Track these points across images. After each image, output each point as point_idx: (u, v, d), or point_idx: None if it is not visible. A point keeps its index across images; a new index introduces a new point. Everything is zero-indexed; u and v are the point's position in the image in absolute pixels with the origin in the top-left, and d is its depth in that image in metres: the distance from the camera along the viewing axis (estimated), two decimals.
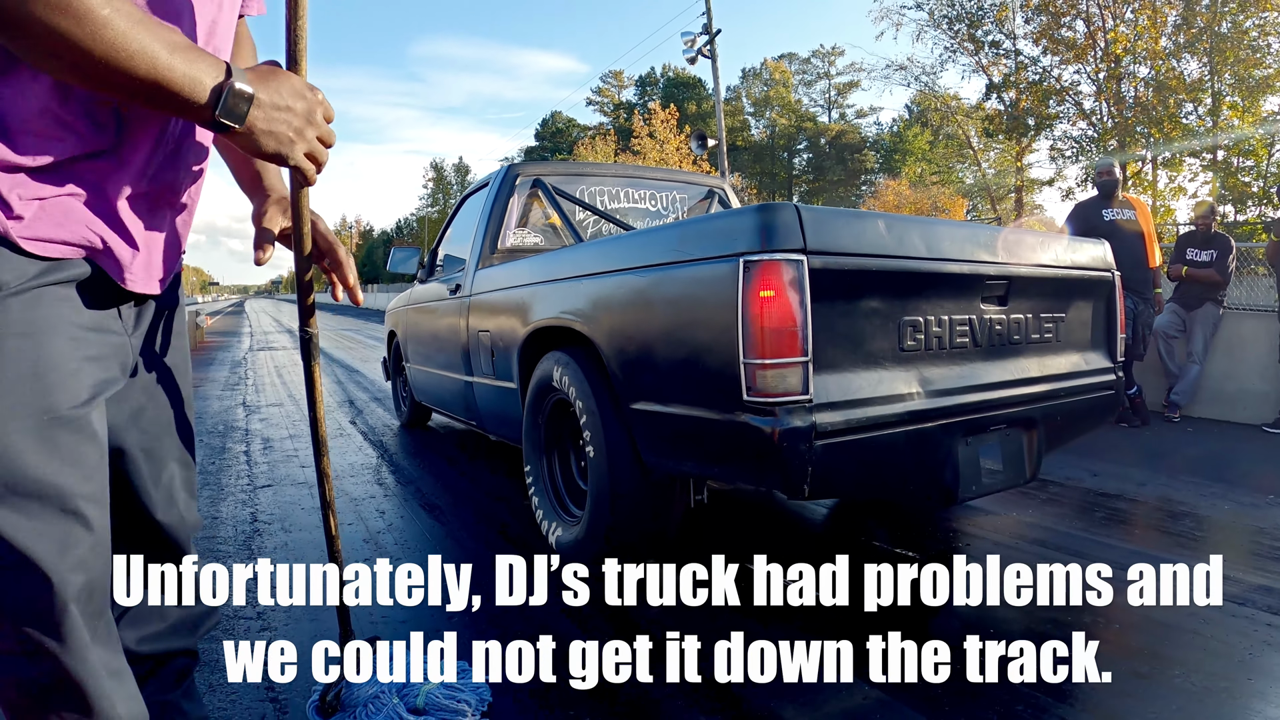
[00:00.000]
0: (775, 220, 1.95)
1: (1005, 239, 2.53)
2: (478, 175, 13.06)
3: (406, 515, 3.46)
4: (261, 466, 4.39)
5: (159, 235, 1.18)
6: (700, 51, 18.82)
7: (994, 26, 23.55)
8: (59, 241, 1.01)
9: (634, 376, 2.39)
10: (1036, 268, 2.60)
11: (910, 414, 2.17)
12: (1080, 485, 3.95)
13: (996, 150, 32.18)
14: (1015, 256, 2.51)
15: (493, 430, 3.83)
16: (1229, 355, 6.15)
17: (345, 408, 6.75)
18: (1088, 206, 6.02)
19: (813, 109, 58.23)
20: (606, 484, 2.50)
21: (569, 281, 2.80)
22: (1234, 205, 19.63)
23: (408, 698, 1.73)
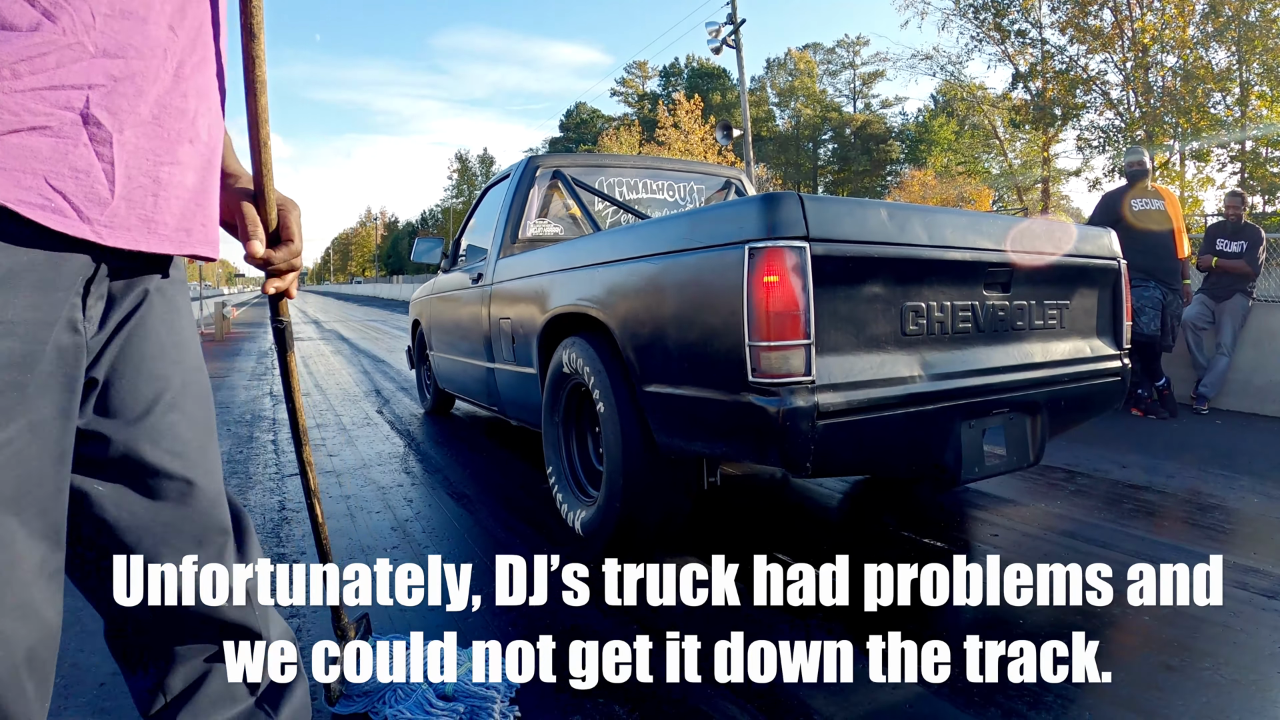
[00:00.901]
0: (779, 209, 2.04)
1: (1007, 227, 2.59)
2: (502, 167, 13.45)
3: (434, 504, 3.55)
4: (288, 455, 4.51)
5: (165, 167, 0.87)
6: (725, 41, 18.85)
7: (1020, 15, 23.30)
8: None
9: (647, 360, 2.49)
10: (1039, 255, 2.66)
11: (912, 396, 2.25)
12: (1109, 477, 3.97)
13: (1023, 141, 31.86)
14: (1017, 244, 2.58)
15: (514, 416, 3.94)
16: (1258, 347, 6.09)
17: (372, 397, 6.89)
18: (1115, 196, 5.99)
19: (838, 99, 57.93)
20: (620, 464, 2.60)
21: (585, 269, 2.90)
22: (1263, 196, 19.35)
23: (436, 685, 1.81)
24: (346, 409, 6.19)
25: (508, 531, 3.13)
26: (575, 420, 3.12)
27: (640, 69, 62.47)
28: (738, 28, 18.82)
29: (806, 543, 2.95)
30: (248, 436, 5.06)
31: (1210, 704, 1.84)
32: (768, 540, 2.93)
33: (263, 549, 1.34)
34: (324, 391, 7.24)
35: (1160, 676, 1.95)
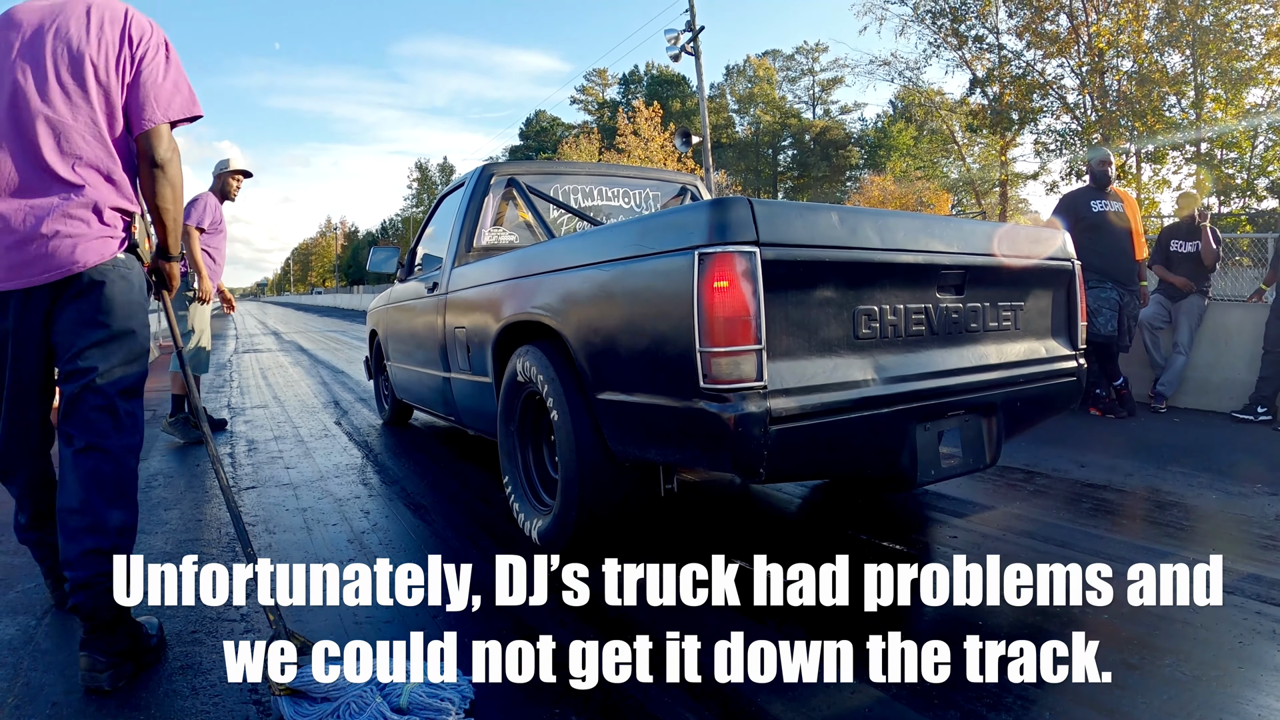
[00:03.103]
0: (728, 214, 2.02)
1: (960, 229, 2.59)
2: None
3: (391, 515, 3.49)
4: (246, 468, 4.42)
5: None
6: (684, 49, 18.90)
7: (978, 21, 23.64)
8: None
9: (600, 368, 2.45)
10: (992, 257, 2.67)
11: (865, 399, 2.23)
12: (1068, 477, 3.99)
13: (981, 145, 32.35)
14: (970, 247, 2.58)
15: (471, 425, 3.89)
16: (1214, 346, 6.18)
17: (330, 409, 6.78)
18: (1077, 197, 6.06)
19: (797, 105, 58.45)
20: (575, 472, 2.57)
21: (538, 277, 2.86)
22: (1218, 197, 19.75)
23: (390, 697, 1.74)
24: (304, 420, 6.09)
25: (465, 541, 3.08)
26: (531, 429, 3.07)
27: (600, 76, 62.53)
28: (696, 35, 18.88)
29: (763, 547, 2.92)
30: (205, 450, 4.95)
31: (1172, 700, 1.84)
32: (724, 545, 2.90)
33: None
34: (282, 403, 7.12)
35: (1122, 674, 1.95)
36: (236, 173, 5.38)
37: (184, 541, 3.11)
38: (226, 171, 5.34)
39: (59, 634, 2.26)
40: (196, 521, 3.39)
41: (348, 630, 2.20)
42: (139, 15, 2.10)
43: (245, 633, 2.25)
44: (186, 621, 2.30)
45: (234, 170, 5.36)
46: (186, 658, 2.10)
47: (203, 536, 3.19)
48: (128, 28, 2.05)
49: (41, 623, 2.34)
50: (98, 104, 1.99)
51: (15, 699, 1.90)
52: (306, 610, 2.21)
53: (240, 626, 2.30)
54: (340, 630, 2.20)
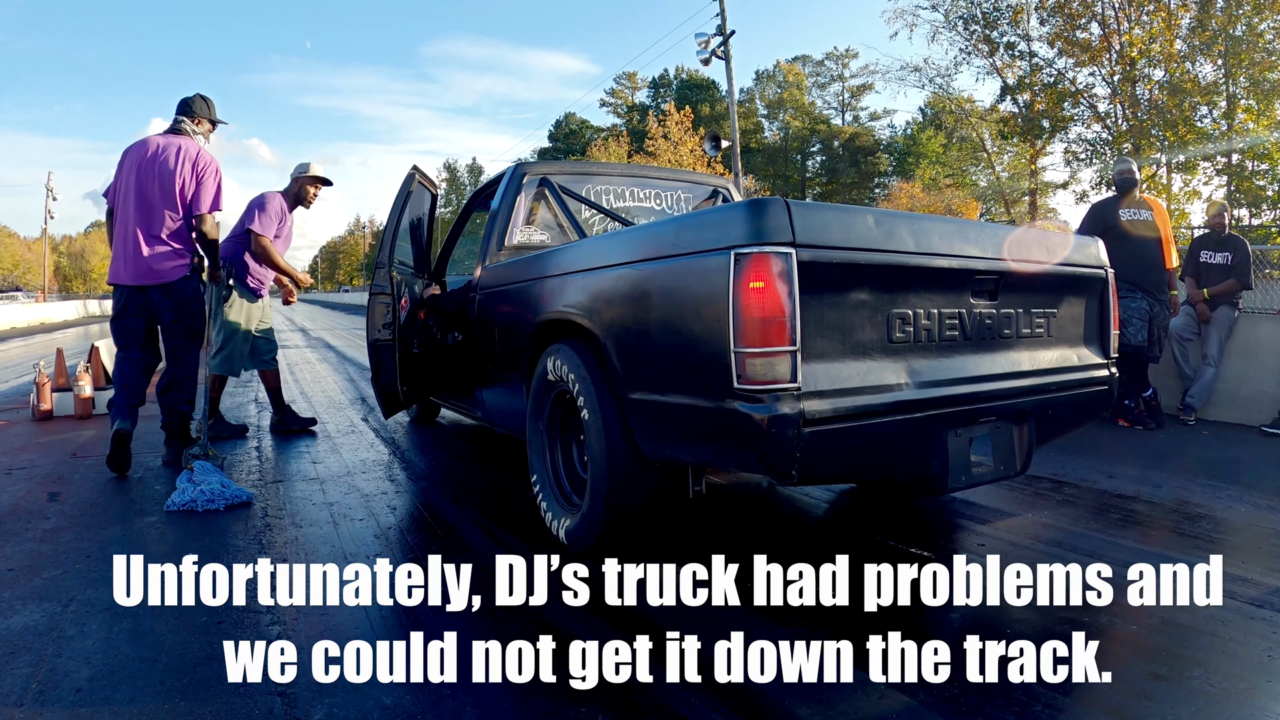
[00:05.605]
0: (765, 214, 2.02)
1: (995, 234, 2.58)
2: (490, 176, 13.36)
3: (417, 512, 3.52)
4: (272, 462, 4.48)
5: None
6: (714, 53, 18.92)
7: (1009, 28, 23.46)
8: None
9: (632, 367, 2.46)
10: (1027, 263, 2.65)
11: (898, 404, 2.23)
12: (1096, 487, 3.96)
13: (1011, 153, 32.08)
14: (1005, 252, 2.57)
15: (499, 423, 3.91)
16: (1244, 358, 6.11)
17: (357, 405, 6.84)
18: (1105, 206, 6.02)
19: (826, 111, 58.37)
20: (604, 471, 2.58)
21: (571, 276, 2.88)
22: (1248, 209, 19.50)
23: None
24: (332, 416, 6.14)
25: (488, 538, 3.10)
26: (560, 428, 3.09)
27: (629, 80, 62.72)
28: (727, 39, 18.90)
29: (791, 551, 2.93)
30: (233, 443, 5.01)
31: (1199, 712, 1.82)
32: (755, 546, 2.90)
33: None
34: (309, 399, 7.18)
35: (1149, 685, 1.93)
36: (316, 179, 5.27)
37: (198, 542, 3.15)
38: (305, 177, 5.24)
39: (83, 621, 2.30)
40: (225, 515, 3.43)
41: (374, 625, 2.22)
42: (203, 151, 4.18)
43: (271, 625, 2.28)
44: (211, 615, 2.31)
45: (313, 176, 5.25)
46: (210, 650, 2.11)
47: (231, 529, 3.22)
48: (195, 161, 4.13)
49: (66, 610, 2.37)
50: (177, 200, 4.08)
51: (39, 684, 1.93)
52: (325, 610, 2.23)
53: (266, 619, 2.33)
54: (366, 626, 2.22)
